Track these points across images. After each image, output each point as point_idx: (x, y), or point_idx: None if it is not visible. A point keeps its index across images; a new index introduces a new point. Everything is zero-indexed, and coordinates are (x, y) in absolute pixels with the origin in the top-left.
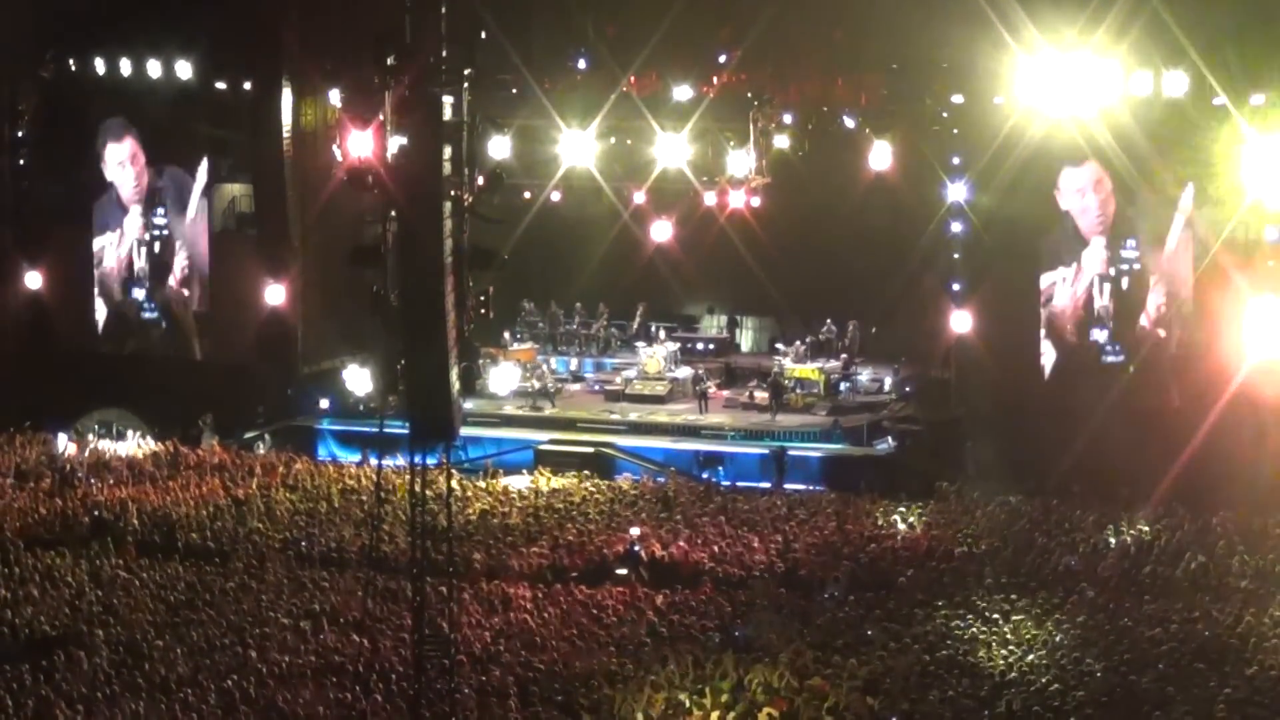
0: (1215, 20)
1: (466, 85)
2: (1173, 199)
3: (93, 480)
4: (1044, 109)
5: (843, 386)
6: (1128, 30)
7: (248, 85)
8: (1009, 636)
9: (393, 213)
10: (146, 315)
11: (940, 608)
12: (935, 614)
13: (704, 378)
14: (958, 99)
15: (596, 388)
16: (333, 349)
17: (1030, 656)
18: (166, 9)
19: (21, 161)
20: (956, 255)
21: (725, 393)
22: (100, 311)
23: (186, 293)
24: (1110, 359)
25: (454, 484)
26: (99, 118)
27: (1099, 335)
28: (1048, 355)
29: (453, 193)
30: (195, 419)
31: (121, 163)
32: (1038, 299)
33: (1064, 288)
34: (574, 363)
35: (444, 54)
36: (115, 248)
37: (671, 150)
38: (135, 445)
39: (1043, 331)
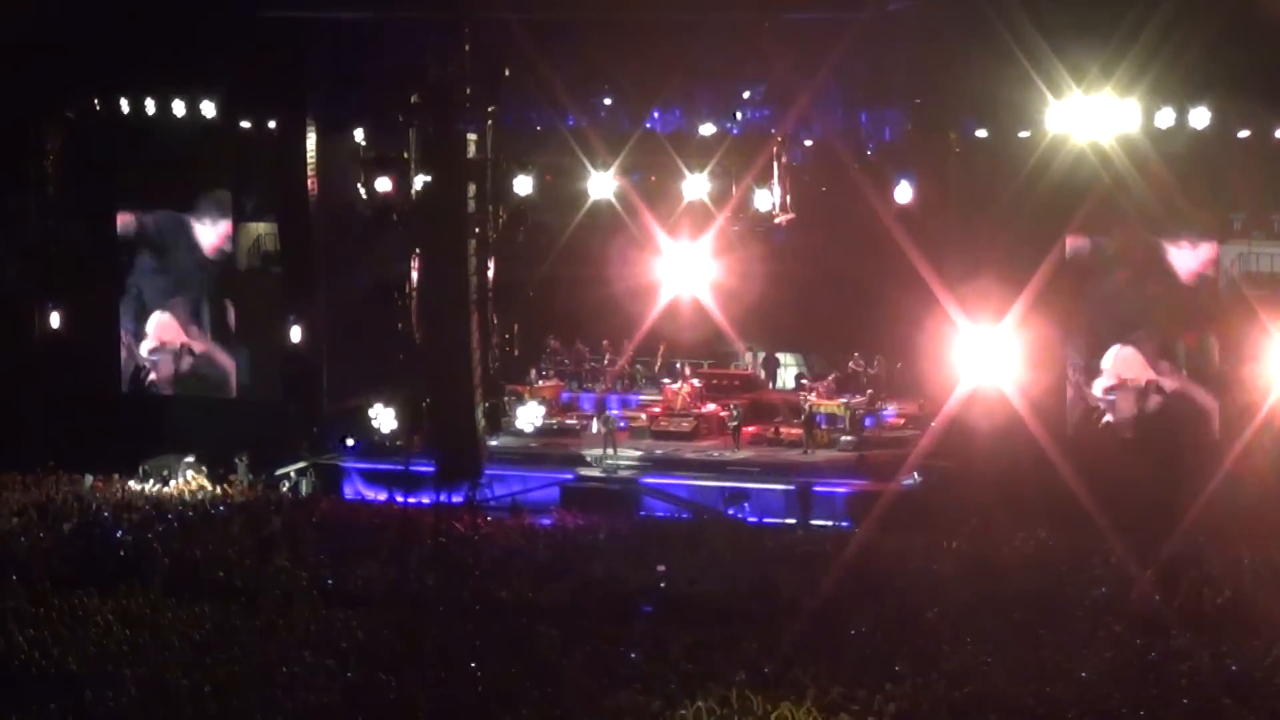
0: (1237, 54)
1: (490, 123)
2: (1199, 232)
3: (119, 519)
4: (1068, 143)
5: (868, 421)
6: (1150, 66)
7: (272, 124)
8: (1036, 672)
9: (417, 250)
10: (171, 356)
11: (968, 643)
12: (963, 649)
13: (737, 414)
14: (981, 133)
15: (623, 425)
16: (358, 387)
17: (1058, 691)
18: (191, 48)
19: (45, 201)
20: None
21: (752, 428)
22: (125, 351)
23: (211, 333)
24: None
25: (478, 521)
26: (124, 157)
27: None
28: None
29: (477, 230)
30: (220, 457)
31: (145, 201)
32: (1062, 336)
33: None
34: (599, 399)
35: (468, 92)
36: (140, 288)
37: (696, 186)
38: (184, 483)
39: (1069, 369)
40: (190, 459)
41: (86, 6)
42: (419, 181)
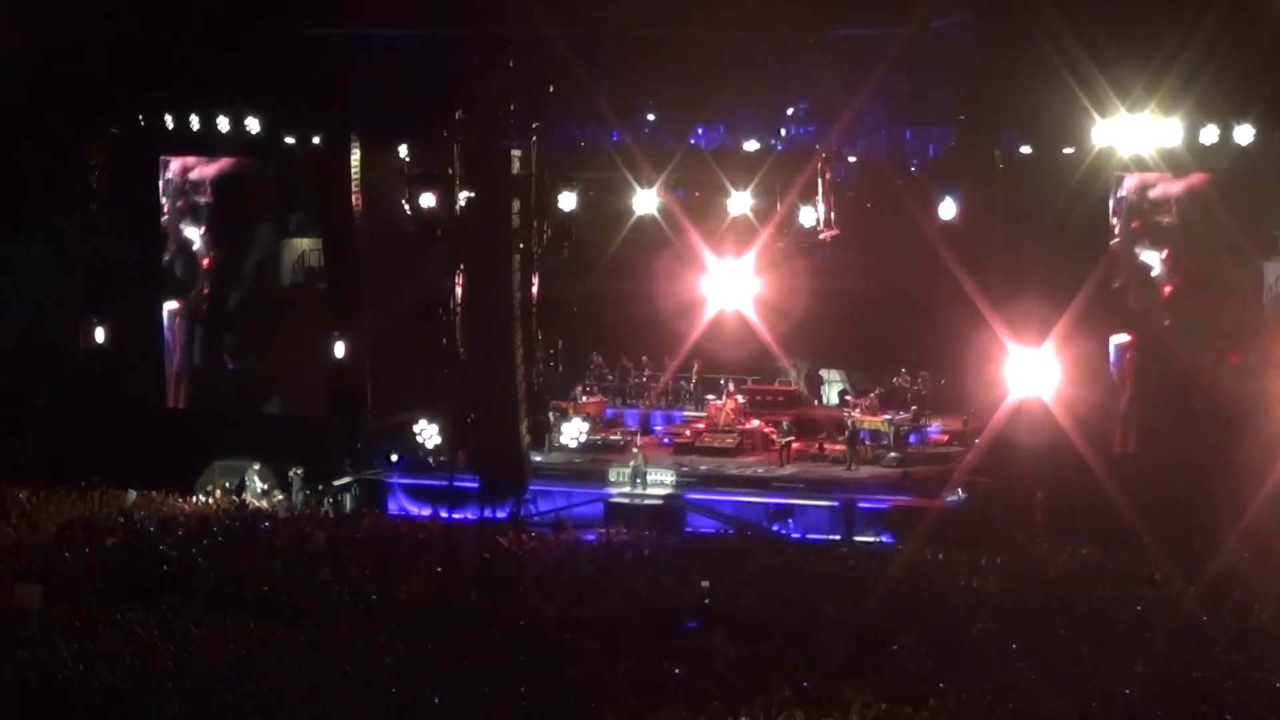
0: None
1: (534, 139)
2: (1243, 248)
3: (163, 533)
4: (1113, 160)
5: (913, 438)
6: (1194, 83)
7: (316, 140)
8: (1080, 688)
9: (461, 266)
10: (215, 370)
11: (1012, 659)
12: (1007, 665)
13: (788, 430)
14: (1026, 150)
15: (666, 440)
16: (402, 403)
17: (1102, 708)
18: (236, 65)
19: (90, 217)
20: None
21: (797, 444)
22: (170, 366)
23: (256, 347)
24: None
25: (522, 537)
26: (169, 173)
27: None
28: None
29: (521, 246)
30: (270, 472)
31: (191, 217)
32: (1107, 352)
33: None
34: (643, 415)
35: (512, 108)
36: (185, 302)
37: (740, 203)
38: (256, 496)
39: (1111, 385)
40: (257, 467)
41: (132, 24)
42: (463, 197)
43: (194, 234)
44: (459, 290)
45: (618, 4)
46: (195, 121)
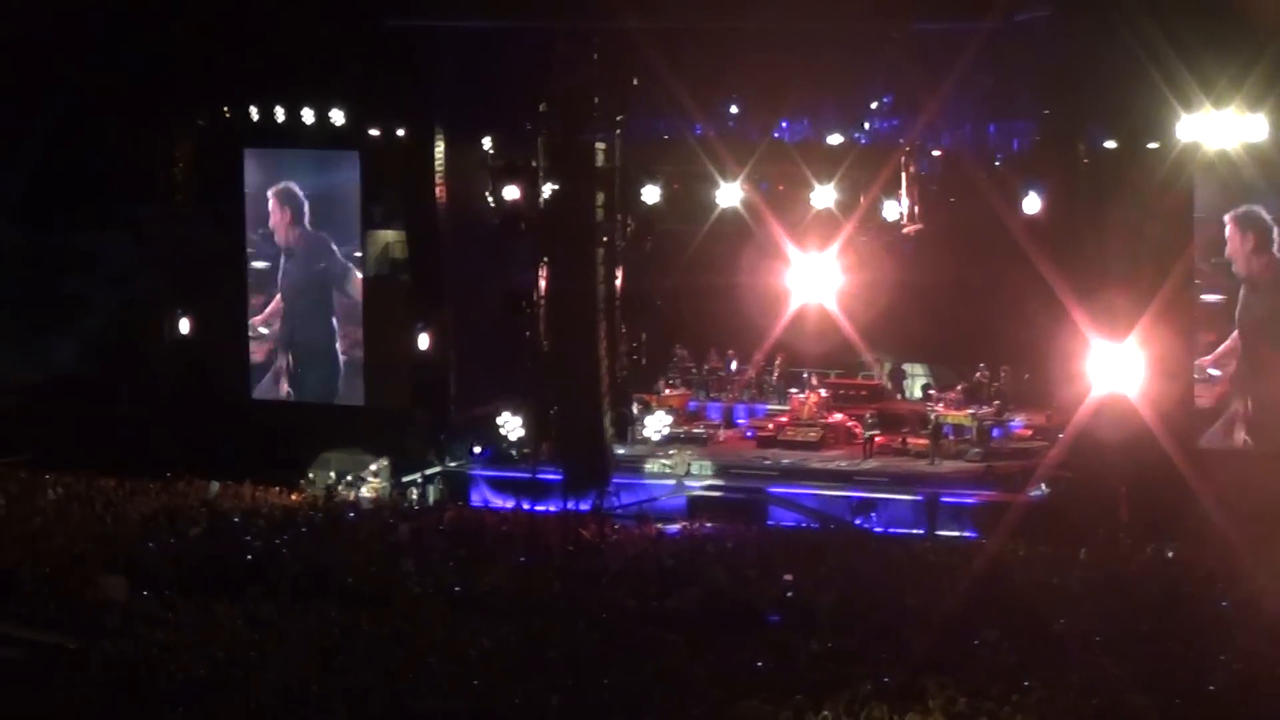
0: None
1: (618, 132)
2: None
3: (247, 525)
4: (1198, 155)
5: (996, 432)
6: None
7: (401, 132)
8: (1165, 684)
9: (545, 259)
10: (299, 361)
11: (1096, 655)
12: (1091, 661)
13: (873, 424)
14: (1110, 144)
15: (750, 434)
16: (485, 395)
17: (1187, 705)
18: (321, 57)
19: (174, 208)
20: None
21: (880, 439)
22: (255, 357)
23: (342, 338)
24: None
25: (605, 529)
26: (254, 164)
27: None
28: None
29: (605, 239)
30: (364, 463)
31: (276, 208)
32: (1191, 348)
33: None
34: (726, 409)
35: (596, 101)
36: (270, 294)
37: (823, 196)
38: (345, 486)
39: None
40: (366, 457)
41: (216, 15)
42: (547, 190)
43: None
44: (542, 283)
45: None
46: (280, 114)
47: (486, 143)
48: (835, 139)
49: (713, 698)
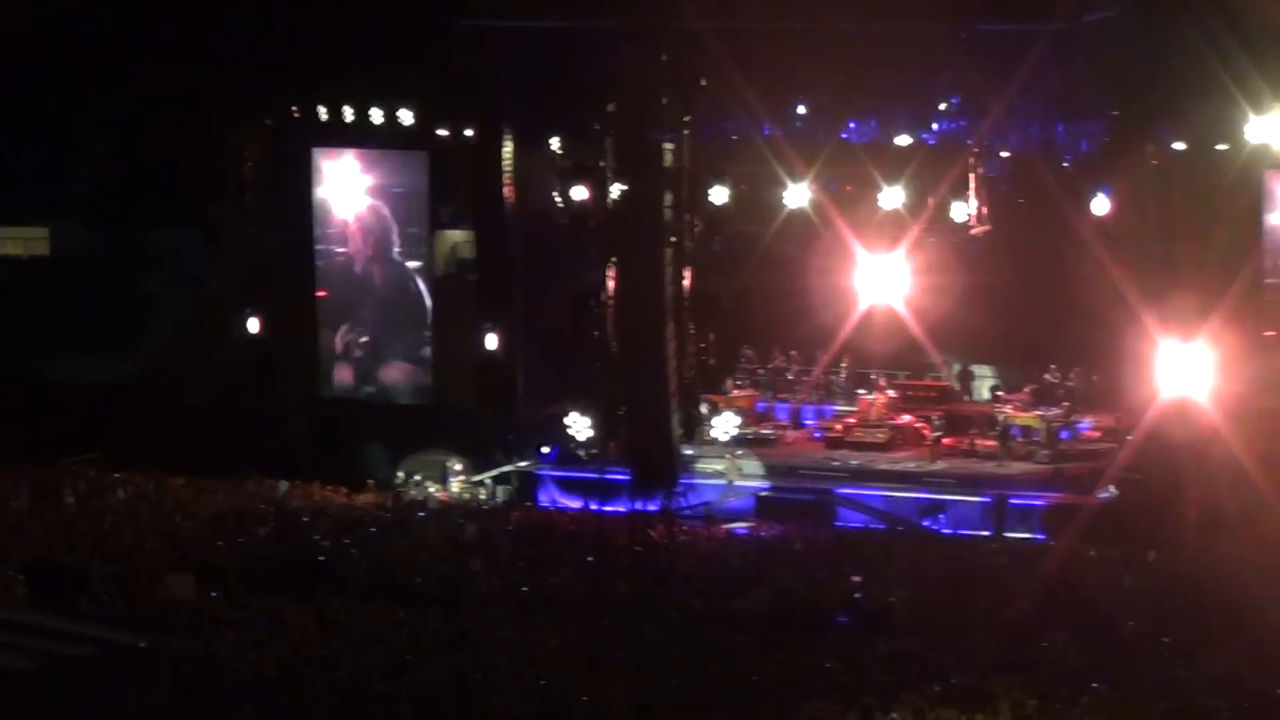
0: None
1: (686, 132)
2: None
3: (315, 524)
4: (1268, 157)
5: (1064, 434)
6: None
7: (469, 132)
8: (1234, 688)
9: (613, 259)
10: (372, 361)
11: (1165, 657)
12: (1160, 663)
13: (940, 425)
14: (1179, 146)
15: (818, 435)
16: (553, 395)
17: (1257, 708)
18: (389, 56)
19: (244, 208)
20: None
21: (948, 440)
22: (325, 356)
23: (410, 338)
24: None
25: (673, 530)
26: (324, 163)
27: None
28: None
29: (673, 239)
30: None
31: (347, 206)
32: (1260, 349)
33: None
34: (794, 409)
35: (664, 101)
36: (340, 293)
37: (891, 197)
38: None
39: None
40: (452, 458)
41: (285, 15)
42: (615, 190)
43: None
44: (610, 283)
45: None
46: (348, 113)
47: (554, 143)
48: (903, 140)
49: (781, 699)
